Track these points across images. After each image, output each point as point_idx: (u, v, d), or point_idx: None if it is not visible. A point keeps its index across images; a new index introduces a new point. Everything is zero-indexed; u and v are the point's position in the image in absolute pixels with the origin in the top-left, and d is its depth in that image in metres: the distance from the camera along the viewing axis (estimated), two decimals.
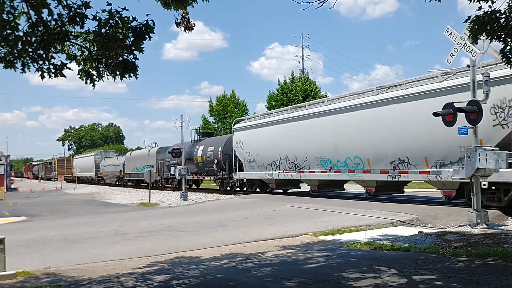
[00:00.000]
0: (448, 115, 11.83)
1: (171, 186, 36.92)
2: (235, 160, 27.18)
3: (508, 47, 6.99)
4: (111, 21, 5.98)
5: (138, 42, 6.16)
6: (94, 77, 6.37)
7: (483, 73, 12.00)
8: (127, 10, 5.99)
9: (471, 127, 11.90)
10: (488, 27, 6.92)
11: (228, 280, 7.51)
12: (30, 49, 5.82)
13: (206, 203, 24.18)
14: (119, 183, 49.28)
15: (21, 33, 5.68)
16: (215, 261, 9.10)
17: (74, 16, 5.89)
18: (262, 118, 26.02)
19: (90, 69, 6.36)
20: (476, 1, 7.04)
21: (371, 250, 9.45)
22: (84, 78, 6.38)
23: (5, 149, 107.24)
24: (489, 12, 6.92)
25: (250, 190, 27.11)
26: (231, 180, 28.75)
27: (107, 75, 6.38)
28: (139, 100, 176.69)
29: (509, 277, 6.75)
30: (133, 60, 6.29)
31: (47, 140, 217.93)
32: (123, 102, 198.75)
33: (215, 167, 29.50)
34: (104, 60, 6.27)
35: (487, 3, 6.96)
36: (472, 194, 11.86)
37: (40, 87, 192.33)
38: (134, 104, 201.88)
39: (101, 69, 6.35)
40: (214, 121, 54.74)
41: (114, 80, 6.36)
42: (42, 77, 6.03)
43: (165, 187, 38.26)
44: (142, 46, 6.22)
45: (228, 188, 29.78)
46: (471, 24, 7.04)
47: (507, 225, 12.06)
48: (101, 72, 6.35)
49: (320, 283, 6.87)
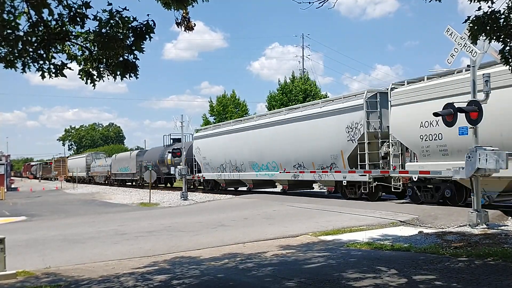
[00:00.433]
0: (448, 115, 11.84)
1: (146, 185, 38.79)
2: (195, 163, 32.71)
3: (507, 48, 6.99)
4: (112, 21, 5.98)
5: (139, 42, 6.17)
6: (95, 77, 6.37)
7: (484, 74, 11.99)
8: (128, 10, 5.99)
9: (471, 127, 11.90)
10: (488, 28, 6.92)
11: (228, 280, 7.52)
12: (31, 49, 5.82)
13: (206, 203, 24.20)
14: (107, 183, 53.57)
15: (22, 33, 5.68)
16: (215, 261, 9.10)
17: (75, 16, 5.89)
18: (214, 129, 31.60)
19: (91, 69, 6.36)
20: (476, 1, 7.04)
21: (371, 250, 9.46)
22: (85, 78, 6.39)
23: (5, 149, 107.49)
24: (489, 13, 6.92)
25: (207, 188, 32.66)
26: (193, 180, 33.84)
27: (108, 75, 6.38)
28: (140, 100, 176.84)
29: (509, 277, 6.76)
30: (134, 60, 6.29)
31: (47, 140, 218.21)
32: (124, 102, 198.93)
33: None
34: (105, 60, 6.27)
35: (487, 4, 6.96)
36: (472, 195, 11.87)
37: (41, 87, 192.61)
38: (135, 104, 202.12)
39: (102, 69, 6.35)
40: (215, 121, 54.75)
41: (115, 80, 6.36)
42: (43, 77, 6.03)
43: (144, 186, 41.93)
44: (143, 46, 6.23)
45: (192, 187, 35.02)
46: (471, 25, 7.04)
47: (507, 225, 12.07)
48: (102, 72, 6.35)
49: (320, 283, 6.88)
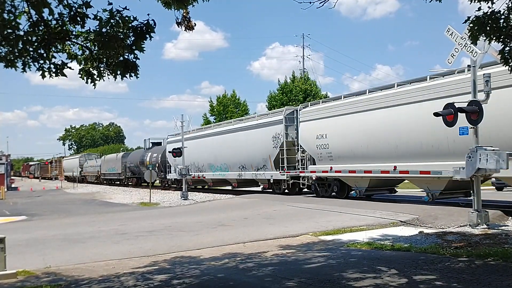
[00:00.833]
0: (449, 115, 11.84)
1: (131, 184, 48.02)
2: (168, 165, 36.94)
3: (507, 48, 6.98)
4: (112, 21, 5.98)
5: (139, 42, 6.16)
6: (95, 77, 6.37)
7: (484, 74, 11.99)
8: (128, 10, 5.99)
9: (472, 127, 11.90)
10: (488, 28, 6.91)
11: (228, 280, 7.52)
12: (31, 49, 5.82)
13: (207, 203, 24.21)
14: (97, 182, 58.39)
15: (22, 33, 5.68)
16: (215, 261, 9.10)
17: (75, 16, 5.89)
18: (184, 135, 35.72)
19: (91, 69, 6.36)
20: (476, 2, 7.03)
21: (372, 250, 9.45)
22: (85, 78, 6.39)
23: (6, 149, 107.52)
24: (489, 13, 6.91)
25: (178, 186, 36.25)
26: (166, 179, 38.64)
27: (108, 75, 6.38)
28: (140, 100, 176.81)
29: (510, 278, 6.76)
30: (134, 60, 6.29)
31: (48, 140, 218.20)
32: (124, 102, 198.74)
33: (157, 170, 38.52)
34: (105, 60, 6.27)
35: (487, 4, 6.96)
36: (473, 195, 11.87)
37: (41, 87, 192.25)
38: (135, 104, 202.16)
39: (102, 69, 6.34)
40: (215, 121, 54.74)
41: (115, 80, 6.36)
42: (43, 77, 6.03)
43: (128, 185, 48.18)
44: (143, 46, 6.22)
45: (167, 185, 39.79)
46: (471, 25, 7.04)
47: (508, 226, 12.06)
48: (102, 72, 6.35)
49: (321, 283, 6.88)
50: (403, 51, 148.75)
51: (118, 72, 6.27)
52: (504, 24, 6.87)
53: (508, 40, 6.96)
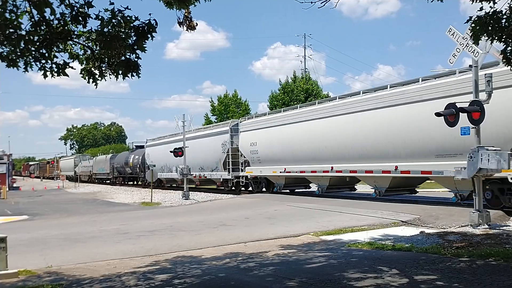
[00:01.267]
0: (450, 115, 11.83)
1: (118, 183, 51.99)
2: (146, 165, 40.45)
3: (509, 48, 6.97)
4: (114, 21, 6.00)
5: (141, 42, 6.18)
6: (97, 76, 6.39)
7: (485, 74, 11.98)
8: (130, 10, 6.01)
9: (474, 127, 11.89)
10: (490, 28, 6.90)
11: (230, 280, 7.52)
12: (33, 48, 5.83)
13: (208, 203, 24.22)
14: (89, 180, 62.20)
15: (24, 32, 5.69)
16: (217, 261, 9.11)
17: (77, 15, 5.90)
18: (158, 140, 41.00)
19: (93, 68, 6.38)
20: (478, 1, 7.02)
21: (373, 250, 9.45)
22: (87, 77, 6.40)
23: (7, 148, 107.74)
24: (491, 13, 6.90)
25: (155, 184, 38.36)
26: (145, 179, 40.66)
27: (110, 75, 6.40)
28: (142, 100, 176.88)
29: (511, 278, 6.75)
30: (136, 60, 6.31)
31: (49, 139, 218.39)
32: (126, 102, 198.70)
33: (138, 170, 44.05)
34: (107, 59, 6.28)
35: (489, 4, 6.95)
36: (474, 195, 11.85)
37: (43, 86, 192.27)
38: (137, 104, 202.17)
39: (104, 69, 6.36)
40: (217, 121, 54.79)
41: (117, 80, 6.38)
42: (45, 76, 6.05)
43: (116, 183, 52.04)
44: (145, 46, 6.24)
45: (146, 183, 41.98)
46: (473, 25, 7.03)
47: (509, 226, 12.04)
48: (104, 72, 6.36)
49: (322, 283, 6.88)
50: (405, 51, 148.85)
51: (120, 72, 6.29)
52: (506, 24, 6.85)
53: (510, 40, 6.94)
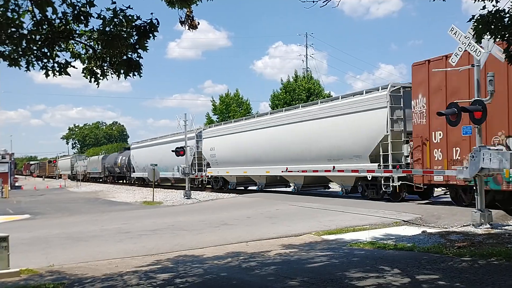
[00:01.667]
0: (452, 115, 11.81)
1: (109, 181, 57.00)
2: (131, 166, 46.51)
3: None
4: (116, 20, 6.00)
5: (142, 41, 6.18)
6: (98, 76, 6.39)
7: (488, 74, 11.96)
8: (132, 9, 6.01)
9: (476, 127, 11.87)
10: (492, 27, 6.89)
11: (231, 279, 7.52)
12: (35, 47, 5.84)
13: (210, 202, 24.23)
14: (84, 179, 64.51)
15: (26, 31, 5.69)
16: (218, 260, 9.11)
17: (79, 15, 5.90)
18: (142, 143, 45.74)
19: (95, 68, 6.38)
20: (481, 0, 7.02)
21: (374, 250, 9.44)
22: (88, 77, 6.41)
23: (9, 147, 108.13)
24: (493, 12, 6.89)
25: (139, 182, 45.79)
26: (131, 178, 48.11)
27: (111, 74, 6.40)
28: (143, 99, 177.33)
29: None
30: (137, 59, 6.31)
31: (51, 139, 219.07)
32: (127, 101, 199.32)
33: (125, 170, 49.37)
34: (108, 59, 6.29)
35: (491, 2, 6.94)
36: (476, 194, 11.83)
37: (44, 86, 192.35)
38: (138, 103, 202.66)
39: (105, 68, 6.36)
40: (218, 120, 54.83)
41: (118, 79, 6.39)
42: (47, 75, 6.05)
43: (107, 182, 57.11)
44: (146, 45, 6.24)
45: (131, 182, 48.32)
46: (475, 24, 7.02)
47: (511, 225, 12.03)
48: (105, 71, 6.37)
49: (323, 282, 6.87)
50: (406, 50, 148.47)
51: (122, 71, 6.29)
52: (509, 23, 6.84)
53: None
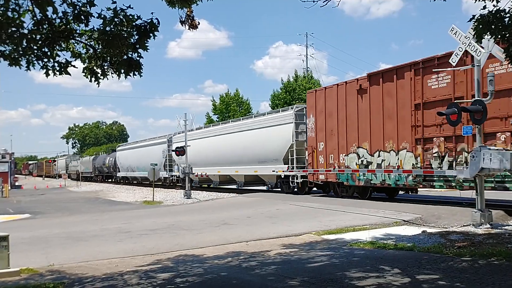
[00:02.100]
0: (452, 115, 11.81)
1: (99, 180, 62.55)
2: (117, 166, 52.09)
3: None
4: (116, 19, 6.00)
5: (143, 41, 6.18)
6: (99, 75, 6.39)
7: (488, 74, 11.97)
8: (132, 8, 6.01)
9: (477, 126, 11.86)
10: (493, 27, 6.89)
11: (231, 279, 7.52)
12: (35, 47, 5.84)
13: (210, 202, 24.22)
14: (77, 178, 67.30)
15: (26, 31, 5.70)
16: (218, 260, 9.11)
17: (79, 14, 5.91)
18: (126, 146, 52.86)
19: (95, 67, 6.38)
20: (481, 0, 7.01)
21: (375, 250, 9.44)
22: (89, 76, 6.41)
23: (10, 147, 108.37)
24: (494, 12, 6.89)
25: (124, 181, 51.52)
26: (117, 177, 53.66)
27: (112, 73, 6.40)
28: (143, 99, 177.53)
29: None
30: (138, 59, 6.31)
31: (52, 138, 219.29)
32: (128, 101, 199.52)
33: (111, 170, 55.20)
34: (109, 58, 6.29)
35: (492, 2, 6.94)
36: (477, 194, 11.84)
37: (45, 85, 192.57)
38: (138, 103, 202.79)
39: (106, 67, 6.37)
40: (218, 120, 54.84)
41: (119, 78, 6.39)
42: (47, 75, 6.05)
43: (97, 180, 62.57)
44: (147, 45, 6.24)
45: (117, 181, 54.09)
46: (476, 24, 7.02)
47: (511, 225, 12.02)
48: (106, 70, 6.37)
49: (323, 282, 6.87)
50: (407, 50, 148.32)
51: (122, 71, 6.29)
52: (510, 23, 6.84)
53: None
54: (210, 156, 31.42)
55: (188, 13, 7.28)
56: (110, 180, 58.98)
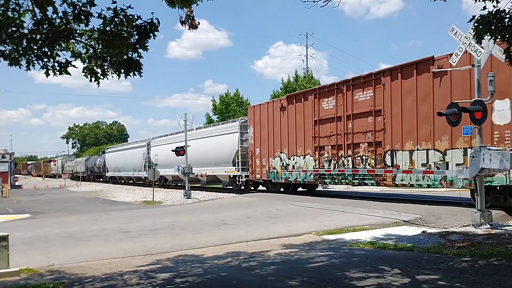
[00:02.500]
0: (452, 115, 11.81)
1: (91, 179, 66.44)
2: (106, 167, 56.41)
3: None
4: (116, 19, 6.00)
5: (143, 40, 6.18)
6: (99, 75, 6.39)
7: (488, 74, 11.96)
8: (132, 8, 6.01)
9: (476, 127, 11.86)
10: (493, 27, 6.89)
11: (231, 279, 7.52)
12: (35, 47, 5.84)
13: (210, 202, 24.22)
14: (72, 178, 72.03)
15: (26, 31, 5.70)
16: (218, 260, 9.11)
17: (79, 14, 5.91)
18: (114, 148, 56.72)
19: (95, 67, 6.38)
20: (481, 1, 7.01)
21: (374, 250, 9.44)
22: (89, 76, 6.41)
23: (10, 147, 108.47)
24: (494, 12, 6.89)
25: (112, 180, 55.84)
26: (106, 176, 57.97)
27: (112, 73, 6.40)
28: (143, 99, 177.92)
29: None
30: (138, 58, 6.31)
31: (52, 138, 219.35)
32: (128, 101, 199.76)
33: (101, 170, 59.53)
34: (109, 58, 6.29)
35: (492, 3, 6.94)
36: (476, 194, 11.83)
37: (45, 85, 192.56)
38: (138, 103, 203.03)
39: (106, 67, 6.37)
40: (218, 120, 54.83)
41: (119, 78, 6.39)
42: (47, 75, 6.05)
43: (90, 180, 66.04)
44: (147, 45, 6.24)
45: (106, 180, 58.64)
46: (476, 24, 7.02)
47: (511, 226, 12.02)
48: (106, 70, 6.37)
49: (323, 282, 6.87)
50: (407, 50, 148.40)
51: (122, 71, 6.29)
52: (509, 23, 6.84)
53: None
54: (179, 158, 33.62)
55: (188, 13, 7.29)
56: (101, 180, 62.88)
